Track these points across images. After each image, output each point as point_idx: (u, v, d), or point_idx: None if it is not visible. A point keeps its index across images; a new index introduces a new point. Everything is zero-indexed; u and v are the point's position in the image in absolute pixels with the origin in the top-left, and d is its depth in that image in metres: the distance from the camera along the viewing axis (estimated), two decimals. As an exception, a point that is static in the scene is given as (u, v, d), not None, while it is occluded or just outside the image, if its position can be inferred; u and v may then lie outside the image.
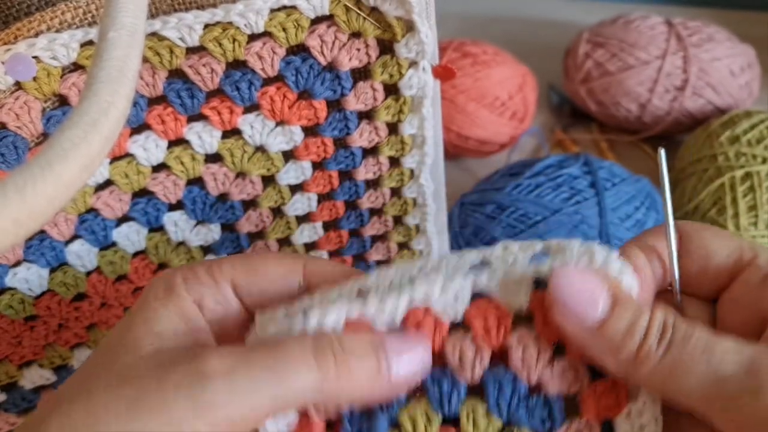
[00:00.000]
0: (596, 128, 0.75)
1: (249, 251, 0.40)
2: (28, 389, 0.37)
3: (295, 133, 0.35)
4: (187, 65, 0.31)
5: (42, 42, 0.29)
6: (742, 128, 0.58)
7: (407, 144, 0.37)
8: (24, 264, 0.33)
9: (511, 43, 0.75)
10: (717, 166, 0.57)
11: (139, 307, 0.24)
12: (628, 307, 0.22)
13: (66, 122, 0.18)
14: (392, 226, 0.43)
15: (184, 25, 0.30)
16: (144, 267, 0.37)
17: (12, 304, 0.34)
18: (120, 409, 0.20)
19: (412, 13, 0.31)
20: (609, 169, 0.55)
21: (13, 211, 0.16)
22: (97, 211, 0.34)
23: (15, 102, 0.29)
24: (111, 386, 0.21)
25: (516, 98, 0.66)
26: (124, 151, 0.33)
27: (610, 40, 0.69)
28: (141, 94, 0.32)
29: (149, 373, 0.21)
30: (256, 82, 0.32)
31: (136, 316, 0.24)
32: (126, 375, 0.21)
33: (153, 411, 0.20)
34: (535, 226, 0.53)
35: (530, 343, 0.23)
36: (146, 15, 0.22)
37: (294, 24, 0.31)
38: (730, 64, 0.67)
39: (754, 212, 0.54)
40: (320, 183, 0.38)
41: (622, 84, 0.67)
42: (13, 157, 0.29)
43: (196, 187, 0.36)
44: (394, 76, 0.34)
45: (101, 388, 0.21)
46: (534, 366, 0.23)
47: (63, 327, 0.37)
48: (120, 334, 0.24)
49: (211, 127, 0.34)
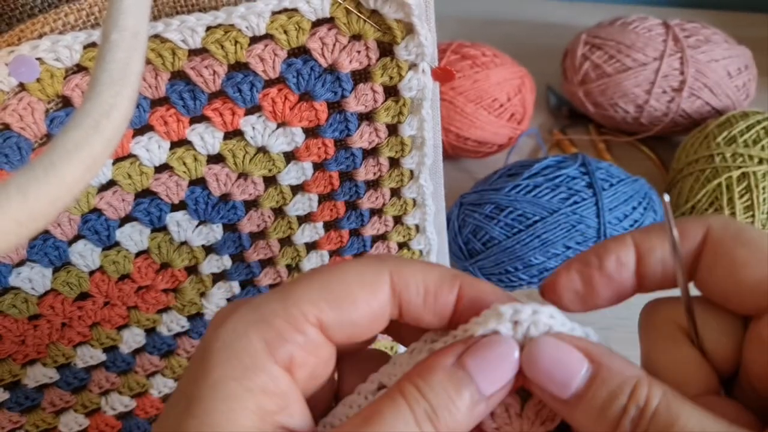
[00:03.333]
0: (594, 129, 0.75)
1: (251, 250, 0.40)
2: (32, 388, 0.37)
3: (296, 135, 0.35)
4: (190, 67, 0.31)
5: (45, 44, 0.29)
6: (739, 129, 0.59)
7: (407, 145, 0.38)
8: (27, 264, 0.33)
9: (510, 45, 0.75)
10: (714, 166, 0.57)
11: (215, 388, 0.19)
12: (607, 382, 0.20)
13: (69, 124, 0.18)
14: (392, 226, 0.43)
15: (186, 27, 0.30)
16: (147, 266, 0.37)
17: (15, 303, 0.34)
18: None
19: (412, 15, 0.32)
20: (606, 170, 0.56)
21: (15, 212, 0.16)
22: (101, 212, 0.34)
23: (18, 103, 0.29)
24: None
25: (514, 100, 0.67)
26: (127, 152, 0.33)
27: (608, 42, 0.69)
28: (144, 96, 0.32)
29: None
30: (257, 83, 0.33)
31: (217, 403, 0.19)
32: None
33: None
34: (533, 226, 0.53)
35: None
36: (149, 17, 0.22)
37: (295, 26, 0.31)
38: (727, 66, 0.67)
39: (750, 212, 0.54)
40: (321, 183, 0.38)
41: (619, 85, 0.68)
42: (16, 158, 0.29)
43: (198, 188, 0.36)
44: (394, 78, 0.34)
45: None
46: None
47: (66, 326, 0.37)
48: (195, 417, 0.19)
49: (213, 128, 0.34)
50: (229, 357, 0.20)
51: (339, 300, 0.21)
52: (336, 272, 0.22)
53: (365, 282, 0.22)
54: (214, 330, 0.21)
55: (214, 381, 0.20)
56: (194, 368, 0.21)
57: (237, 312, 0.21)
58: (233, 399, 0.19)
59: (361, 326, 0.22)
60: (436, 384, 0.21)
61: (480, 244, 0.55)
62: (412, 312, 0.23)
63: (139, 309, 0.39)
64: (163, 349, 0.41)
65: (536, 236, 0.53)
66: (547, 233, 0.53)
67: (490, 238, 0.54)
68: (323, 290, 0.21)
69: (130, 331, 0.39)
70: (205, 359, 0.20)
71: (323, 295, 0.21)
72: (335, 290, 0.21)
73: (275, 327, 0.20)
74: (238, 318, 0.21)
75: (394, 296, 0.22)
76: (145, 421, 0.43)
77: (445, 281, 0.23)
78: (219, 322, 0.21)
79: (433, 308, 0.23)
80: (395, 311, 0.23)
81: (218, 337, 0.20)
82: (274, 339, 0.20)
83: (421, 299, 0.23)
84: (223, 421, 0.19)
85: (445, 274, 0.23)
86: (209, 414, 0.19)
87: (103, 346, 0.39)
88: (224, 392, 0.19)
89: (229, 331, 0.21)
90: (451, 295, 0.23)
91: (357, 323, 0.22)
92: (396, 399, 0.21)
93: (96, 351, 0.38)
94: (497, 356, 0.21)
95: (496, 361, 0.21)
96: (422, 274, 0.23)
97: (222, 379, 0.20)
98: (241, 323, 0.21)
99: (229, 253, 0.39)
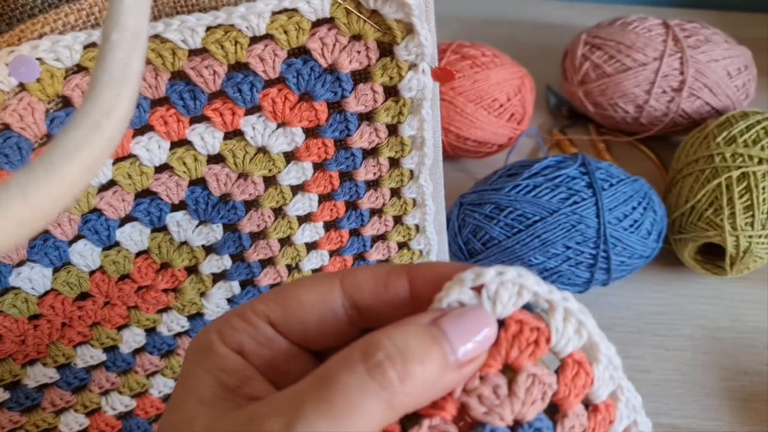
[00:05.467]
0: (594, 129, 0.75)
1: (251, 250, 0.40)
2: (32, 388, 0.37)
3: (297, 135, 0.35)
4: (190, 67, 0.31)
5: (45, 44, 0.29)
6: (739, 129, 0.59)
7: (407, 145, 0.38)
8: (28, 264, 0.33)
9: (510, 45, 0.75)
10: (714, 166, 0.57)
11: (184, 377, 0.23)
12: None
13: (69, 124, 0.18)
14: (392, 226, 0.43)
15: (186, 27, 0.30)
16: (147, 266, 0.37)
17: (16, 303, 0.34)
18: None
19: (412, 15, 0.32)
20: (606, 170, 0.56)
21: (16, 212, 0.16)
22: (101, 212, 0.34)
23: (19, 103, 0.29)
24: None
25: (514, 100, 0.67)
26: (127, 152, 0.33)
27: (608, 42, 0.69)
28: (144, 96, 0.32)
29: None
30: (257, 84, 0.33)
31: (184, 388, 0.22)
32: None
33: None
34: (533, 226, 0.53)
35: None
36: (149, 17, 0.22)
37: (295, 27, 0.31)
38: (727, 66, 0.67)
39: (750, 212, 0.54)
40: (321, 183, 0.38)
41: (619, 85, 0.68)
42: (17, 158, 0.29)
43: (198, 188, 0.36)
44: (394, 78, 0.34)
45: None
46: None
47: (66, 326, 0.37)
48: (172, 409, 0.22)
49: (214, 128, 0.34)
50: (193, 351, 0.23)
51: (286, 301, 0.24)
52: (293, 282, 0.25)
53: (314, 287, 0.24)
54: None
55: (183, 373, 0.23)
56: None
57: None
58: (195, 378, 0.22)
59: (312, 325, 0.24)
60: (410, 335, 0.20)
61: (480, 244, 0.55)
62: (369, 311, 0.24)
63: (139, 309, 0.39)
64: (163, 348, 0.41)
65: (536, 236, 0.53)
66: (547, 233, 0.53)
67: (490, 238, 0.54)
68: (275, 294, 0.24)
69: (131, 331, 0.39)
70: (184, 359, 0.24)
71: (274, 298, 0.24)
72: (286, 294, 0.24)
73: (229, 321, 0.24)
74: (205, 327, 0.24)
75: (348, 298, 0.24)
76: (146, 421, 0.43)
77: (392, 271, 0.24)
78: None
79: (386, 299, 0.24)
80: (353, 313, 0.24)
81: (190, 343, 0.24)
82: (226, 329, 0.23)
83: (372, 295, 0.24)
84: (187, 397, 0.22)
85: (394, 266, 0.24)
86: (178, 396, 0.22)
87: (104, 346, 0.39)
88: (189, 377, 0.23)
89: (197, 336, 0.24)
90: (400, 281, 0.24)
91: (305, 322, 0.24)
92: (365, 345, 0.20)
93: (96, 351, 0.39)
94: (473, 320, 0.21)
95: (472, 324, 0.21)
96: (370, 272, 0.24)
97: (187, 368, 0.23)
98: (206, 328, 0.24)
99: (230, 253, 0.39)
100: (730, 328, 0.57)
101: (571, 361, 0.23)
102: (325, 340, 0.24)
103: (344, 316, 0.24)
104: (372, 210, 0.41)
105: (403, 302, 0.24)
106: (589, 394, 0.23)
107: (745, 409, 0.52)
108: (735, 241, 0.54)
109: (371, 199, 0.40)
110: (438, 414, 0.21)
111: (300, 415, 0.19)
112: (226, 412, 0.21)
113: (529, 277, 0.22)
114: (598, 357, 0.23)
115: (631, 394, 0.24)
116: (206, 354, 0.23)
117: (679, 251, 0.59)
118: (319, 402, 0.19)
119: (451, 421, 0.21)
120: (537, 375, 0.22)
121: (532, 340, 0.22)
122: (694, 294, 0.60)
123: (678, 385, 0.54)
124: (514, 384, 0.21)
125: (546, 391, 0.22)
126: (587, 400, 0.24)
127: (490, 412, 0.21)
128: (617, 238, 0.53)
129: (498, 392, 0.21)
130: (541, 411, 0.22)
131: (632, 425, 0.25)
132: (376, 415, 0.19)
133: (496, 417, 0.21)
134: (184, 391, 0.22)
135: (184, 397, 0.22)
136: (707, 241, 0.56)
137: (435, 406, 0.21)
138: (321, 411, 0.19)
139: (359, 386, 0.19)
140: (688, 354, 0.56)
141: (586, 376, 0.23)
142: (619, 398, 0.24)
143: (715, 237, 0.55)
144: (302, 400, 0.19)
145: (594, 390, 0.23)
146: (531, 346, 0.22)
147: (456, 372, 0.21)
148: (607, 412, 0.24)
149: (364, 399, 0.19)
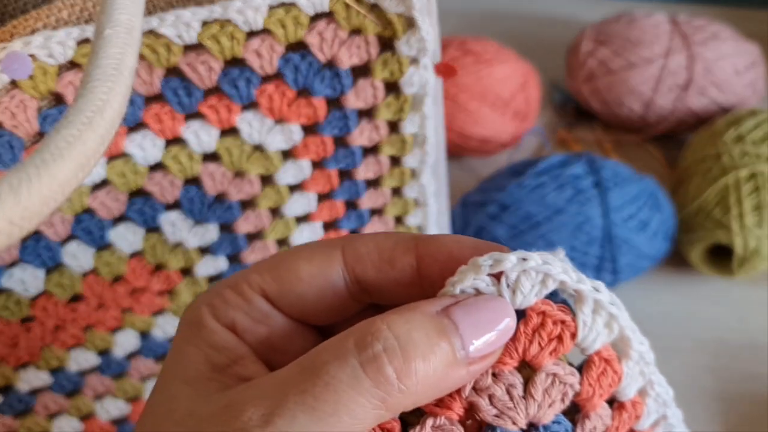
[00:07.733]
0: (599, 127, 0.74)
1: (248, 251, 0.39)
2: (25, 391, 0.37)
3: (294, 132, 0.35)
4: (185, 63, 0.31)
5: (38, 40, 0.28)
6: (747, 127, 0.58)
7: (408, 143, 0.37)
8: (20, 264, 0.33)
9: (514, 41, 0.74)
10: (721, 165, 0.57)
11: (171, 353, 0.22)
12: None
13: (61, 121, 0.18)
14: (393, 227, 0.42)
15: (181, 22, 0.30)
16: (141, 268, 0.37)
17: (8, 305, 0.33)
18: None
19: (413, 9, 0.31)
20: (612, 169, 0.55)
21: (7, 211, 0.16)
22: (94, 211, 0.33)
23: (11, 101, 0.28)
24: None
25: (519, 97, 0.66)
26: (120, 150, 0.32)
27: (614, 38, 0.68)
28: (138, 92, 0.31)
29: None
30: (254, 79, 0.32)
31: (170, 365, 0.21)
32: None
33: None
34: (538, 226, 0.52)
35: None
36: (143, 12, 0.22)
37: (293, 21, 0.31)
38: (735, 63, 0.66)
39: (758, 211, 0.54)
40: (319, 182, 0.38)
41: (625, 82, 0.67)
42: (8, 157, 0.29)
43: (193, 187, 0.35)
44: (394, 74, 0.34)
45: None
46: None
47: (59, 328, 0.36)
48: (156, 388, 0.21)
49: (209, 125, 0.33)
50: (182, 327, 0.22)
51: (282, 274, 0.22)
52: (289, 251, 0.23)
53: (313, 258, 0.22)
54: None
55: (171, 349, 0.22)
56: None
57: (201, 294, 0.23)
58: (182, 355, 0.21)
59: (311, 300, 0.22)
60: (414, 325, 0.18)
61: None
62: (372, 286, 0.22)
63: (133, 311, 0.38)
64: (158, 352, 0.41)
65: (541, 236, 0.52)
66: (552, 233, 0.52)
67: (494, 238, 0.54)
68: (271, 265, 0.22)
69: (125, 334, 0.39)
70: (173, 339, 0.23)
71: (269, 269, 0.22)
72: (282, 265, 0.22)
73: (221, 294, 0.22)
74: (196, 298, 0.23)
75: (350, 272, 0.22)
76: (142, 424, 0.43)
77: (399, 244, 0.22)
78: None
79: (391, 276, 0.22)
80: (355, 288, 0.22)
81: (181, 317, 0.23)
82: (218, 303, 0.22)
83: (377, 270, 0.22)
84: (172, 375, 0.21)
85: (401, 237, 0.22)
86: (163, 374, 0.21)
87: (97, 350, 0.38)
88: (176, 354, 0.21)
89: (187, 309, 0.23)
90: (407, 257, 0.22)
91: (304, 296, 0.22)
92: (361, 333, 0.18)
93: (90, 354, 0.38)
94: (489, 311, 0.19)
95: (488, 316, 0.19)
96: (375, 244, 0.22)
97: (176, 344, 0.22)
98: (197, 300, 0.23)
99: (225, 255, 0.39)
100: (738, 330, 0.57)
101: (597, 358, 0.20)
102: (327, 316, 0.23)
103: (345, 291, 0.22)
104: (372, 210, 0.41)
105: (411, 280, 0.22)
106: (616, 392, 0.21)
107: (753, 413, 0.51)
108: (743, 240, 0.54)
109: (371, 199, 0.40)
110: (443, 413, 0.19)
111: (281, 406, 0.17)
112: (209, 394, 0.20)
113: (556, 264, 0.20)
114: (629, 353, 0.21)
115: (662, 389, 0.22)
116: (195, 329, 0.21)
117: (687, 252, 0.58)
118: (303, 394, 0.17)
119: (458, 421, 0.20)
120: (558, 375, 0.20)
121: (555, 335, 0.20)
122: (701, 296, 0.60)
123: (685, 389, 0.53)
124: (530, 384, 0.19)
125: (567, 391, 0.20)
126: (612, 398, 0.22)
127: (501, 415, 0.19)
128: (624, 238, 0.53)
129: (512, 393, 0.19)
130: (559, 412, 0.20)
131: (661, 419, 0.23)
132: (366, 415, 0.18)
133: (508, 421, 0.19)
134: (170, 369, 0.21)
135: (169, 376, 0.21)
136: (715, 240, 0.55)
137: (440, 404, 0.19)
138: (305, 405, 0.17)
139: (350, 381, 0.17)
140: (696, 357, 0.55)
141: (614, 374, 0.21)
142: (648, 394, 0.22)
143: (722, 236, 0.55)
144: (286, 390, 0.18)
145: (621, 388, 0.21)
146: (553, 341, 0.20)
147: (464, 370, 0.19)
148: (634, 410, 0.22)
149: (355, 396, 0.17)
